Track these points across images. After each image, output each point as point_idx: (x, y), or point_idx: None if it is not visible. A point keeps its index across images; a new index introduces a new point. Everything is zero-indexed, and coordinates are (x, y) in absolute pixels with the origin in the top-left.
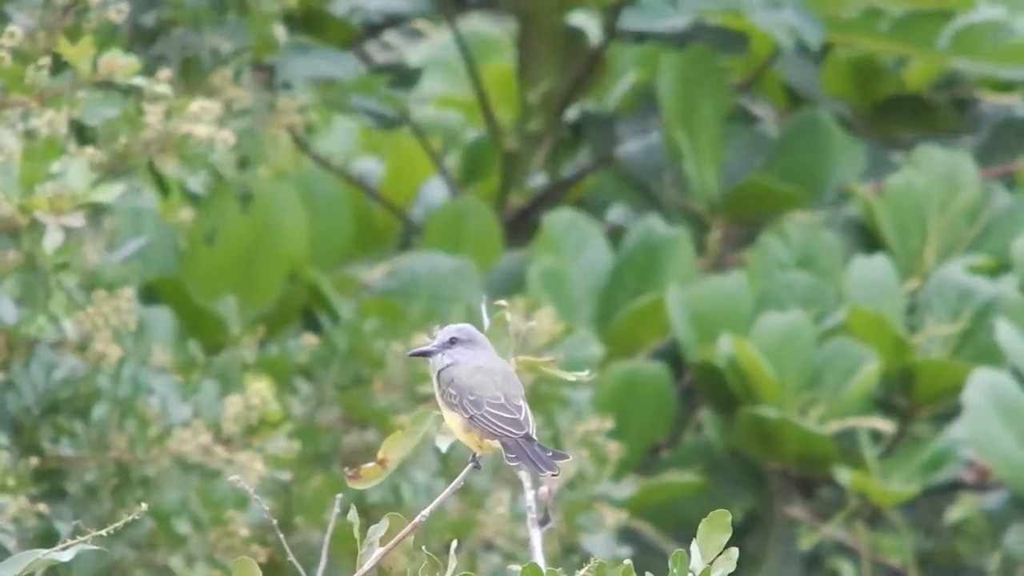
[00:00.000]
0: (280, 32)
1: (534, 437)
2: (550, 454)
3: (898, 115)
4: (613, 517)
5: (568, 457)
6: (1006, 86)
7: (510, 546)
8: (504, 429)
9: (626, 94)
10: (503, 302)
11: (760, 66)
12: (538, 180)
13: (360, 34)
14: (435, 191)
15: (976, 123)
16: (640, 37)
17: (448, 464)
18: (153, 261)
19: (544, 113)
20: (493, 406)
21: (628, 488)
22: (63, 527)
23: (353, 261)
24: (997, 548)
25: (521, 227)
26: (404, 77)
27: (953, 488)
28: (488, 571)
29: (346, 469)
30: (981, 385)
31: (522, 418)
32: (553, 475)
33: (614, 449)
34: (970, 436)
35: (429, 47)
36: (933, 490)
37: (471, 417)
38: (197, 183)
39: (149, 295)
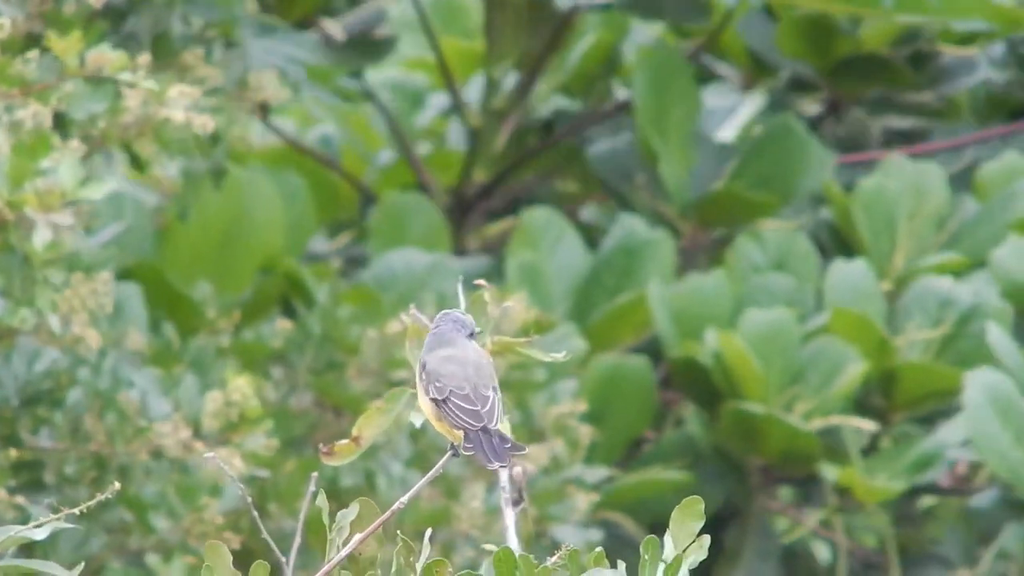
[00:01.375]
0: (250, 5)
1: (492, 428)
2: (508, 445)
3: (857, 74)
4: (585, 500)
5: (524, 450)
6: (966, 39)
7: (484, 538)
8: (464, 420)
9: (586, 57)
10: (483, 282)
11: (718, 28)
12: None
13: (325, 5)
14: (392, 156)
15: (936, 78)
16: (606, 5)
17: (422, 454)
18: (130, 246)
19: (510, 89)
20: (458, 396)
21: (601, 473)
22: (41, 516)
23: (315, 233)
24: (985, 546)
25: (483, 205)
26: (372, 50)
27: (927, 490)
28: (462, 563)
29: (320, 445)
30: (979, 383)
31: (484, 410)
32: (501, 466)
33: (586, 433)
34: (968, 434)
35: (396, 10)
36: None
37: (437, 404)
38: (174, 169)
39: (126, 280)
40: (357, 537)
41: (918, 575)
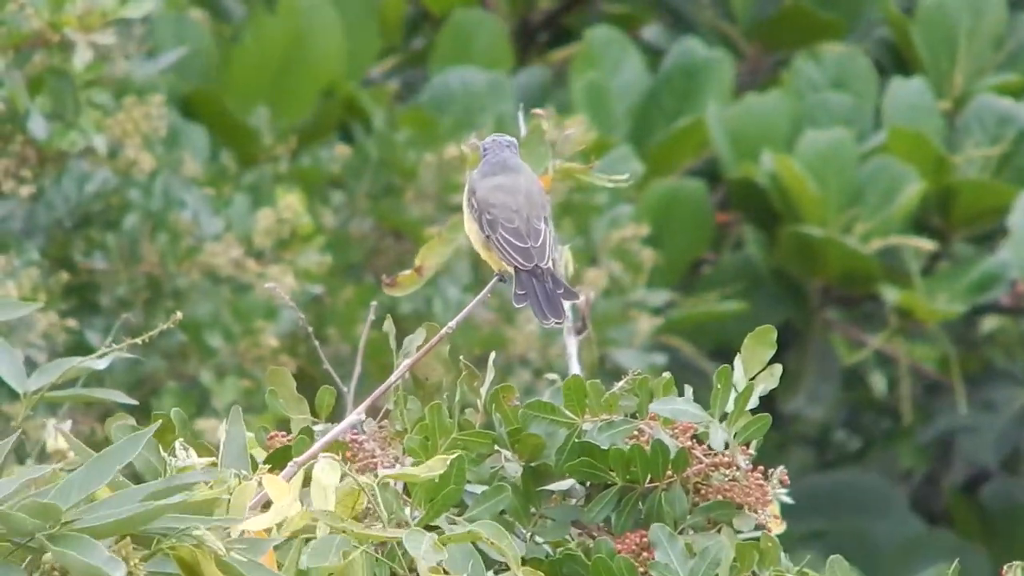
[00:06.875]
0: None
1: (544, 267)
2: (561, 291)
3: None
4: (648, 324)
5: (578, 298)
6: None
7: (541, 361)
8: (514, 258)
9: None
10: (540, 111)
11: None
12: None
13: None
14: None
15: None
16: None
17: (480, 278)
18: (192, 72)
19: None
20: (507, 231)
21: (662, 296)
22: (95, 339)
23: (377, 58)
24: None
25: (547, 30)
26: None
27: (989, 310)
28: (519, 386)
29: (383, 276)
30: None
31: (536, 245)
32: (556, 323)
33: (648, 256)
34: (1015, 258)
35: None
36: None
37: (488, 236)
38: None
39: (186, 106)
40: (408, 360)
41: (984, 394)
